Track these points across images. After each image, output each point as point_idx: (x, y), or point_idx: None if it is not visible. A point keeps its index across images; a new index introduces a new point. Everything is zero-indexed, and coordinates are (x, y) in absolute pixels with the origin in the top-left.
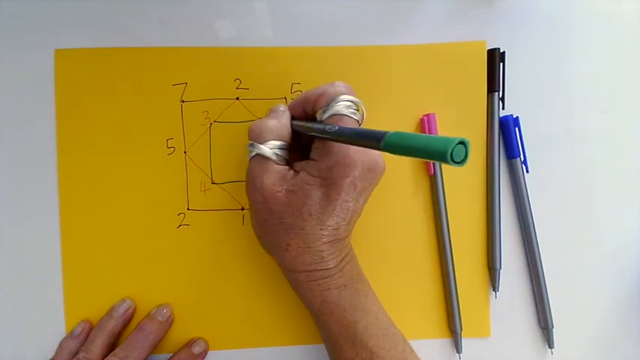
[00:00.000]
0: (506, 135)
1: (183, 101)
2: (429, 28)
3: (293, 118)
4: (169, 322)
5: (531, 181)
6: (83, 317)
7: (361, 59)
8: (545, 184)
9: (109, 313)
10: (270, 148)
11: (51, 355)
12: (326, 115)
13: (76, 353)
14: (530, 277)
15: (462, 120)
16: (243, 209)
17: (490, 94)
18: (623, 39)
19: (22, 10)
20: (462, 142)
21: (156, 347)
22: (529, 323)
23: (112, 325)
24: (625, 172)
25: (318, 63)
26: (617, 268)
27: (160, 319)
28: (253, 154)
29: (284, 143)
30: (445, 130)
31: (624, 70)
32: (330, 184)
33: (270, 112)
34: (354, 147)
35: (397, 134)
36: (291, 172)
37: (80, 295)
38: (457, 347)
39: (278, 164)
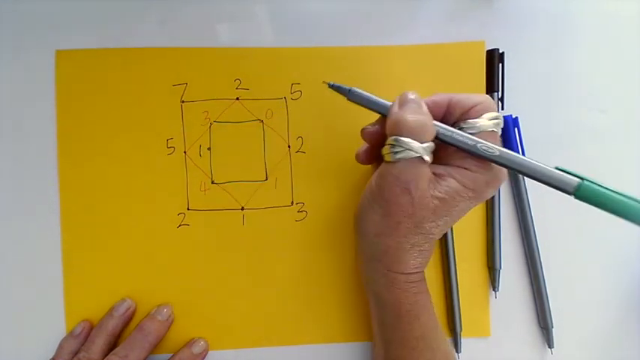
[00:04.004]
0: (505, 135)
1: (183, 101)
2: (429, 28)
3: None
4: (169, 322)
5: (531, 181)
6: (83, 317)
7: (361, 59)
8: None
9: (110, 313)
10: (428, 150)
11: (51, 355)
12: (477, 129)
13: (77, 353)
14: (530, 277)
15: None
16: (243, 209)
17: (489, 94)
18: (623, 39)
19: (22, 10)
20: None
21: (156, 347)
22: (529, 323)
23: (112, 325)
24: (624, 171)
25: (318, 63)
26: (617, 268)
27: (160, 318)
28: (411, 154)
29: (433, 144)
30: None
31: (623, 70)
32: (479, 196)
33: (412, 104)
34: None
35: (594, 190)
36: (433, 175)
37: (80, 295)
38: (456, 347)
39: (429, 165)
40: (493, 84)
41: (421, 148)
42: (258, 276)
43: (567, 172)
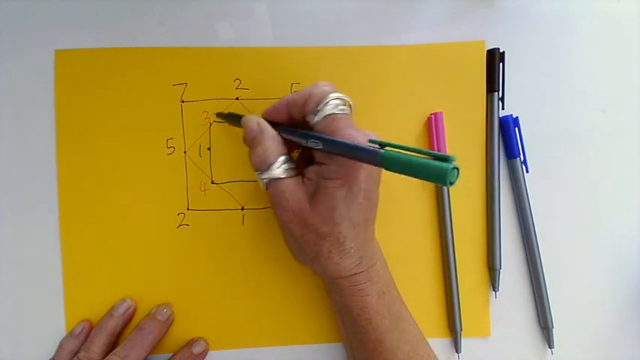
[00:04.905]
0: (506, 135)
1: (183, 101)
2: (429, 28)
3: (275, 122)
4: (169, 322)
5: (531, 181)
6: (83, 317)
7: (361, 59)
8: (545, 184)
9: (110, 313)
10: (278, 168)
11: (51, 354)
12: (318, 118)
13: (77, 353)
14: (530, 277)
15: (461, 120)
16: (243, 209)
17: (490, 94)
18: (623, 39)
19: (22, 10)
20: (456, 168)
21: (156, 347)
22: (529, 323)
23: (112, 325)
24: (625, 171)
25: (318, 63)
26: (617, 268)
27: (160, 318)
28: (267, 181)
29: (286, 156)
30: (446, 130)
31: (623, 70)
32: (348, 180)
33: (251, 133)
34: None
35: (390, 156)
36: (306, 179)
37: (80, 295)
38: (456, 347)
39: (292, 177)
40: (494, 84)
41: (274, 172)
42: (258, 276)
43: (384, 145)
